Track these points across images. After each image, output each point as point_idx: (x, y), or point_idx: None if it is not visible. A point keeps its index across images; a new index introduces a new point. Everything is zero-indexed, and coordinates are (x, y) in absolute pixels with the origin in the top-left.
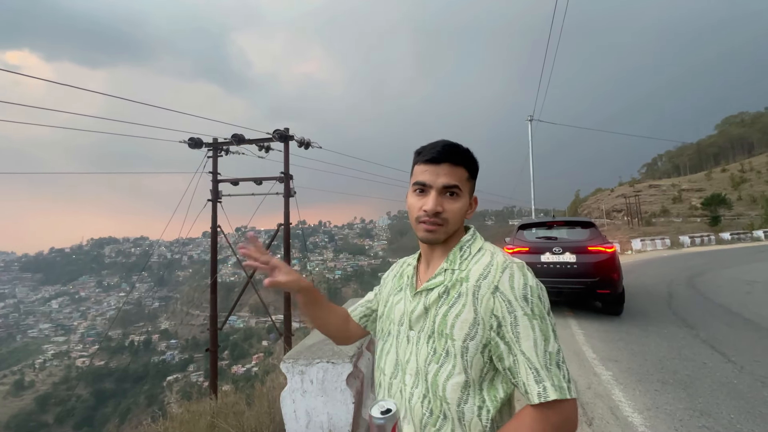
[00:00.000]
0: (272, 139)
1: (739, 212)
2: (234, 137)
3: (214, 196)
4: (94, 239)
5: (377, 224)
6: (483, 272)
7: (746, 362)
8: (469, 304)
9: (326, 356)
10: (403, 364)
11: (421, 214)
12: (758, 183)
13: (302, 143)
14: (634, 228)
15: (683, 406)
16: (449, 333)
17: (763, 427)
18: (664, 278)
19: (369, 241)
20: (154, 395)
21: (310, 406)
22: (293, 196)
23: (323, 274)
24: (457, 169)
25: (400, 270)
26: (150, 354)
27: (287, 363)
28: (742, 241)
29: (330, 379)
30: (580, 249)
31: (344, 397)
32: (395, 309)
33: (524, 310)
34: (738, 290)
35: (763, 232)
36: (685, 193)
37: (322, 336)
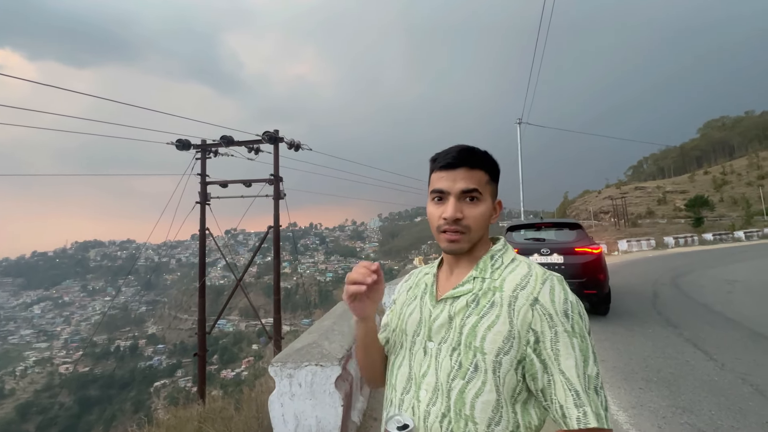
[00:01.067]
0: (262, 141)
1: (721, 213)
2: (223, 139)
3: (202, 199)
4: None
5: (368, 226)
6: (521, 282)
7: (727, 360)
8: (504, 315)
9: (315, 359)
10: (418, 378)
11: (442, 222)
12: (739, 185)
13: (292, 145)
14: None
15: (666, 403)
16: (479, 346)
17: (742, 422)
18: (649, 278)
19: (360, 243)
20: (141, 401)
21: (298, 409)
22: (283, 198)
23: (314, 276)
24: (475, 173)
25: (416, 280)
26: (136, 359)
27: (275, 366)
28: (723, 242)
29: (319, 382)
30: (568, 250)
31: (333, 400)
32: (409, 320)
33: (564, 326)
34: (720, 290)
35: (744, 233)
36: (670, 195)
37: (311, 339)
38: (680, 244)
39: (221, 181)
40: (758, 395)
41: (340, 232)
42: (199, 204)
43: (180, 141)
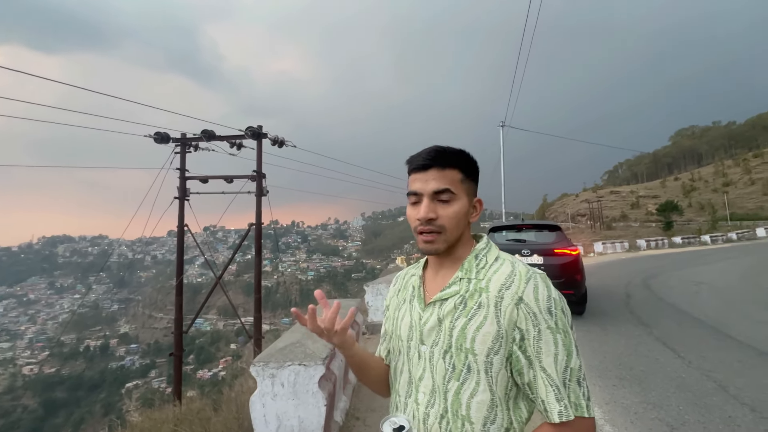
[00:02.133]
0: (244, 137)
1: (689, 218)
2: (204, 133)
3: (181, 194)
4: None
5: (351, 225)
6: (505, 282)
7: (694, 358)
8: (491, 315)
9: (298, 359)
10: (416, 382)
11: (417, 223)
12: (705, 191)
13: (276, 142)
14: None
15: (638, 399)
16: (470, 347)
17: (707, 417)
18: (623, 279)
19: (343, 241)
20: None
21: (280, 410)
22: (266, 195)
23: (295, 275)
24: (447, 172)
25: (402, 283)
26: (107, 360)
27: (257, 366)
28: (691, 245)
29: (302, 382)
30: (547, 251)
31: (316, 400)
32: (402, 324)
33: (548, 323)
34: (687, 291)
35: (710, 237)
36: (642, 199)
37: (294, 338)
38: (652, 246)
39: (201, 176)
40: (721, 391)
41: (322, 230)
42: (177, 199)
43: (159, 134)
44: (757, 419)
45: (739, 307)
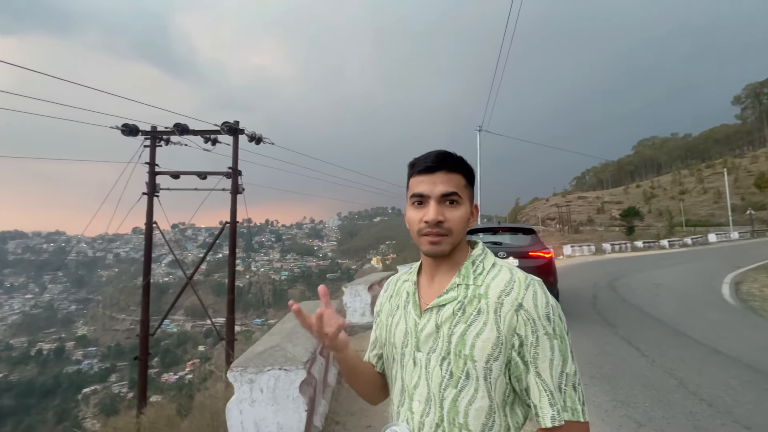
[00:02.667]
0: (220, 132)
1: (649, 223)
2: (177, 126)
3: (150, 190)
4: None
5: (327, 225)
6: (505, 288)
7: (656, 356)
8: (490, 322)
9: (278, 363)
10: (410, 389)
11: (423, 225)
12: (664, 198)
13: (253, 138)
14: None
15: (608, 398)
16: (469, 354)
17: (670, 412)
18: (590, 281)
19: (318, 241)
20: (67, 410)
21: (258, 416)
22: (241, 192)
23: (268, 274)
24: (454, 176)
25: (395, 288)
26: (63, 364)
27: (235, 372)
28: (651, 249)
29: (282, 387)
30: (523, 254)
31: (296, 405)
32: (395, 331)
33: (546, 329)
34: (648, 292)
35: (668, 242)
36: (607, 204)
37: (273, 341)
38: (616, 250)
39: (173, 171)
40: (682, 388)
41: (297, 229)
42: (146, 195)
43: (126, 126)
44: (714, 414)
45: (694, 308)
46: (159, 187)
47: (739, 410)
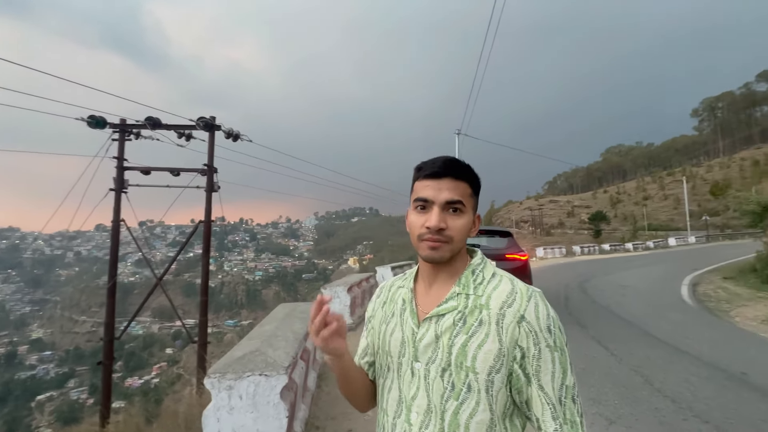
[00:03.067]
0: (195, 127)
1: (615, 227)
2: (148, 120)
3: (118, 185)
4: None
5: (304, 224)
6: (507, 299)
7: (624, 354)
8: (492, 333)
9: (258, 368)
10: (408, 401)
11: (424, 231)
12: (629, 204)
13: (230, 135)
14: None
15: (581, 397)
16: (470, 365)
17: (638, 409)
18: (562, 283)
19: (294, 241)
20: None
21: (237, 424)
22: (217, 190)
23: (242, 274)
24: (460, 184)
25: (389, 295)
26: (14, 369)
27: (213, 378)
28: (617, 252)
29: (262, 393)
30: (500, 257)
31: (277, 411)
32: (390, 340)
33: (547, 341)
34: (616, 293)
35: (632, 245)
36: (577, 208)
37: (253, 346)
38: (585, 252)
39: (143, 167)
40: (648, 385)
41: (273, 229)
42: (113, 191)
43: (93, 117)
44: (677, 409)
45: (657, 309)
46: (127, 183)
47: (699, 405)
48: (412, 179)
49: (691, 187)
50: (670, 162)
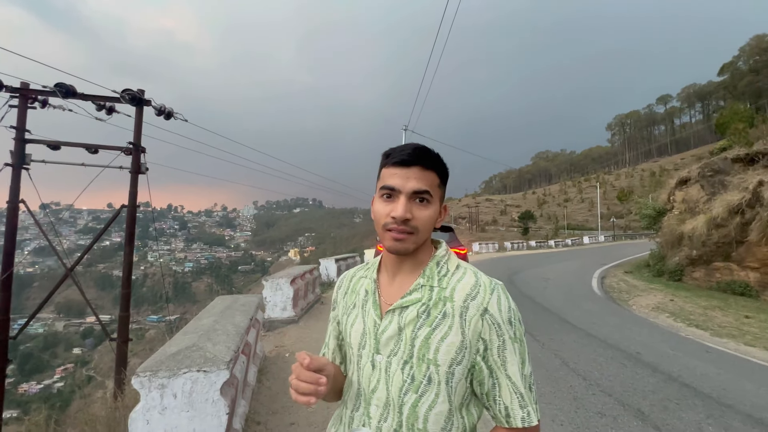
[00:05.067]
0: (119, 100)
1: (541, 225)
2: (59, 87)
3: (18, 160)
4: None
5: (241, 213)
6: (471, 292)
7: (546, 340)
8: (456, 326)
9: (196, 364)
10: (368, 394)
11: (389, 221)
12: (552, 205)
13: (162, 112)
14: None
15: None
16: (432, 358)
17: (556, 387)
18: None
19: (230, 231)
20: None
21: (170, 425)
22: (144, 172)
23: (169, 265)
24: (428, 174)
25: (350, 285)
26: None
27: (143, 377)
28: (542, 248)
29: (200, 390)
30: None
31: (216, 409)
32: (351, 331)
33: (509, 333)
34: (539, 285)
35: (554, 242)
36: (509, 207)
37: (189, 341)
38: (515, 248)
39: (52, 141)
40: (565, 366)
41: (206, 217)
42: (10, 167)
43: None
44: (587, 386)
45: (572, 299)
46: (30, 159)
47: (604, 381)
48: (379, 165)
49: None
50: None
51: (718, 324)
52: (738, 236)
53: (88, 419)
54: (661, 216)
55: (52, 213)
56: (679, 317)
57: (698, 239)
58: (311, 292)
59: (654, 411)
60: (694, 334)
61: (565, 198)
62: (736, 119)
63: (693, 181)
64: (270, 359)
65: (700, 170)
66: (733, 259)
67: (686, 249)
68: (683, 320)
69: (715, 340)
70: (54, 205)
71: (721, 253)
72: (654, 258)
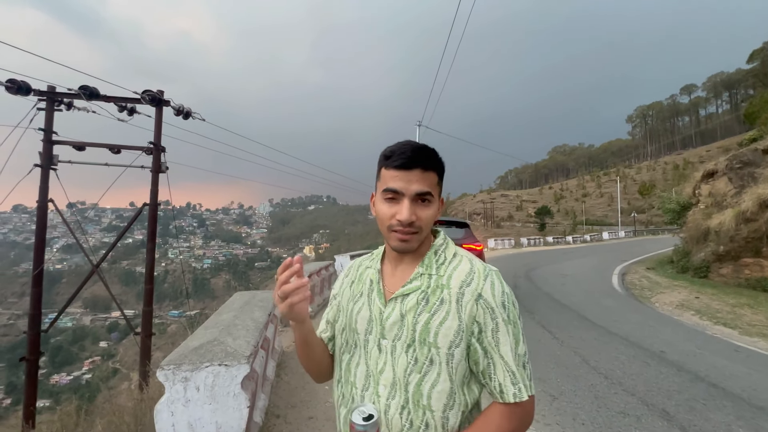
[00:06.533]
0: (140, 101)
1: (558, 221)
2: (83, 89)
3: (46, 162)
4: None
5: (257, 211)
6: (466, 279)
7: (565, 338)
8: (453, 311)
9: (218, 358)
10: (376, 375)
11: (395, 223)
12: (570, 200)
13: (180, 112)
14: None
15: None
16: (432, 341)
17: (576, 385)
18: (511, 272)
19: (247, 228)
20: None
21: (194, 417)
22: (165, 171)
23: (189, 262)
24: (429, 174)
25: (357, 274)
26: None
27: (167, 370)
28: (559, 244)
29: (221, 384)
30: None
31: (238, 402)
32: (358, 318)
33: (502, 316)
34: (557, 282)
35: (572, 238)
36: (525, 203)
37: (210, 336)
38: (531, 244)
39: (77, 142)
40: (585, 364)
41: (223, 215)
42: (39, 167)
43: (14, 82)
44: (609, 385)
45: (592, 296)
46: (57, 160)
47: (627, 380)
48: (378, 164)
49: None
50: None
51: (747, 322)
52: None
53: (115, 410)
54: (686, 210)
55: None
56: (706, 315)
57: (726, 234)
58: (327, 288)
59: (680, 411)
60: (722, 333)
61: (584, 193)
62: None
63: (720, 174)
64: (288, 354)
65: (728, 162)
66: (764, 254)
67: (713, 244)
68: (710, 318)
69: (744, 339)
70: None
71: (750, 248)
72: (678, 254)
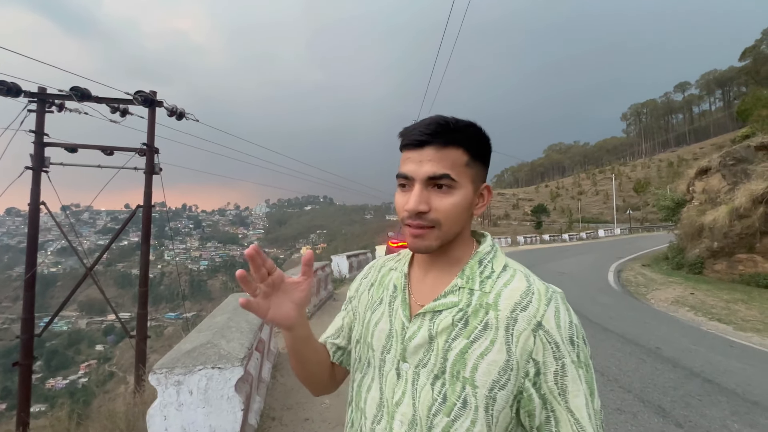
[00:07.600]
0: (132, 102)
1: (554, 219)
2: (74, 90)
3: (37, 164)
4: None
5: (254, 212)
6: (521, 301)
7: None
8: (500, 340)
9: (211, 361)
10: (391, 406)
11: (405, 215)
12: (566, 198)
13: (174, 112)
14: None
15: None
16: (469, 377)
17: None
18: None
19: (243, 229)
20: None
21: (187, 421)
22: (158, 173)
23: (185, 264)
24: (449, 152)
25: (378, 276)
26: None
27: (159, 374)
28: (556, 242)
29: (215, 387)
30: None
31: (232, 405)
32: (375, 330)
33: (571, 356)
34: (554, 280)
35: (568, 236)
36: (521, 201)
37: (204, 338)
38: (528, 242)
39: (69, 144)
40: None
41: (220, 216)
42: (30, 170)
43: (3, 83)
44: (605, 382)
45: (589, 293)
46: (49, 162)
47: (623, 378)
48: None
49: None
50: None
51: (741, 318)
52: (762, 227)
53: (108, 414)
54: (680, 207)
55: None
56: (700, 311)
57: (720, 230)
58: (324, 289)
59: (675, 407)
60: (717, 329)
61: (579, 191)
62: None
63: (714, 171)
64: (284, 356)
65: (722, 159)
66: (757, 250)
67: (707, 241)
68: (704, 314)
69: (738, 334)
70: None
71: (744, 244)
72: (673, 250)
